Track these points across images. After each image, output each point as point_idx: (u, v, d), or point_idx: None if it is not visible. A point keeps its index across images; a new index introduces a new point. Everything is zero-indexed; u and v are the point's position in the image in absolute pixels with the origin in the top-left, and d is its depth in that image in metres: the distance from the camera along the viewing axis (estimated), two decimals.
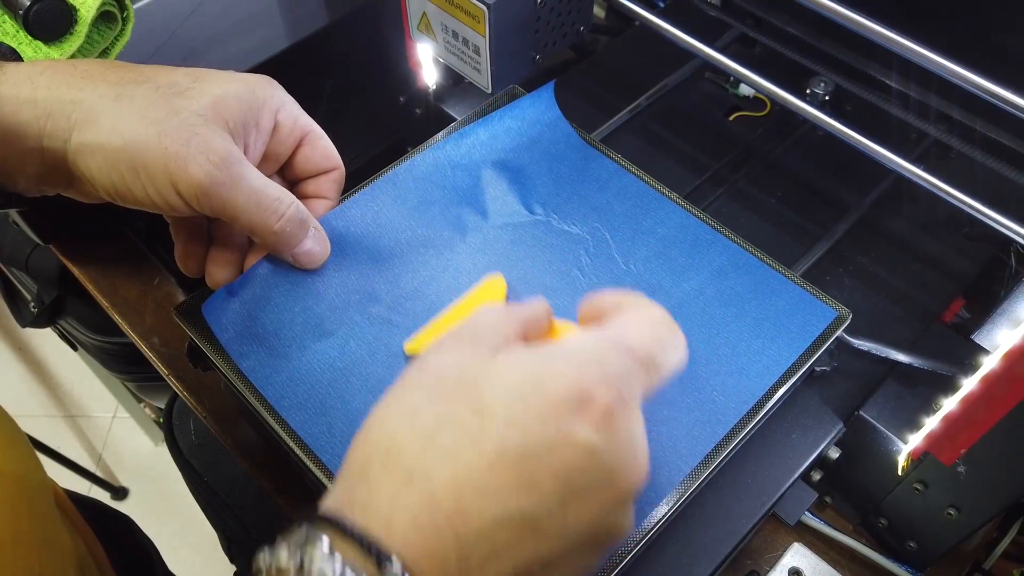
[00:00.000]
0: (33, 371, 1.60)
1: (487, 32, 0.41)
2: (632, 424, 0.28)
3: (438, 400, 0.27)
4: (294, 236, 0.37)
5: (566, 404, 0.26)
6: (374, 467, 0.26)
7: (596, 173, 0.46)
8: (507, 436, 0.26)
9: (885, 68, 0.48)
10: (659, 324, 0.31)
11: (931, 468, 0.40)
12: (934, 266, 0.50)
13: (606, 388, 0.27)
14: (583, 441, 0.26)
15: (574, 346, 0.28)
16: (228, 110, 0.35)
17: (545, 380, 0.27)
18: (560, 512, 0.26)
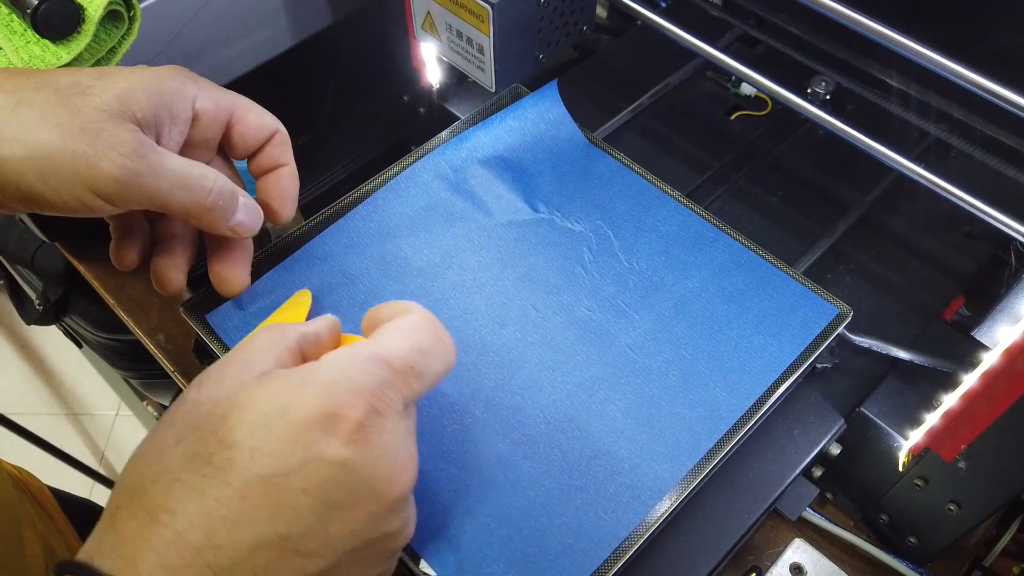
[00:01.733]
0: (36, 369, 1.61)
1: (491, 31, 0.41)
2: (389, 433, 0.28)
3: (186, 437, 0.27)
4: (227, 209, 0.36)
5: (313, 425, 0.26)
6: (121, 512, 0.26)
7: (599, 171, 0.47)
8: (253, 465, 0.26)
9: (885, 67, 0.49)
10: (418, 331, 0.31)
11: (932, 464, 0.40)
12: (934, 264, 0.50)
13: (354, 403, 0.27)
14: (334, 457, 0.26)
15: (324, 365, 0.29)
16: (135, 103, 0.33)
17: (290, 404, 0.27)
18: (321, 529, 0.26)
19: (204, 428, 0.27)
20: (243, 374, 0.29)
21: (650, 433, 0.37)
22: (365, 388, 0.28)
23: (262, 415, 0.27)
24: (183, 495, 0.25)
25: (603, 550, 0.34)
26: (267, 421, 0.27)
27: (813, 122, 0.56)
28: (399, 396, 0.29)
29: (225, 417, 0.27)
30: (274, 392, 0.27)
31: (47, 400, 1.57)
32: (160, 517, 0.25)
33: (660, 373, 0.39)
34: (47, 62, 0.42)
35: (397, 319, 0.32)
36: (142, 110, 0.33)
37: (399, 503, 0.28)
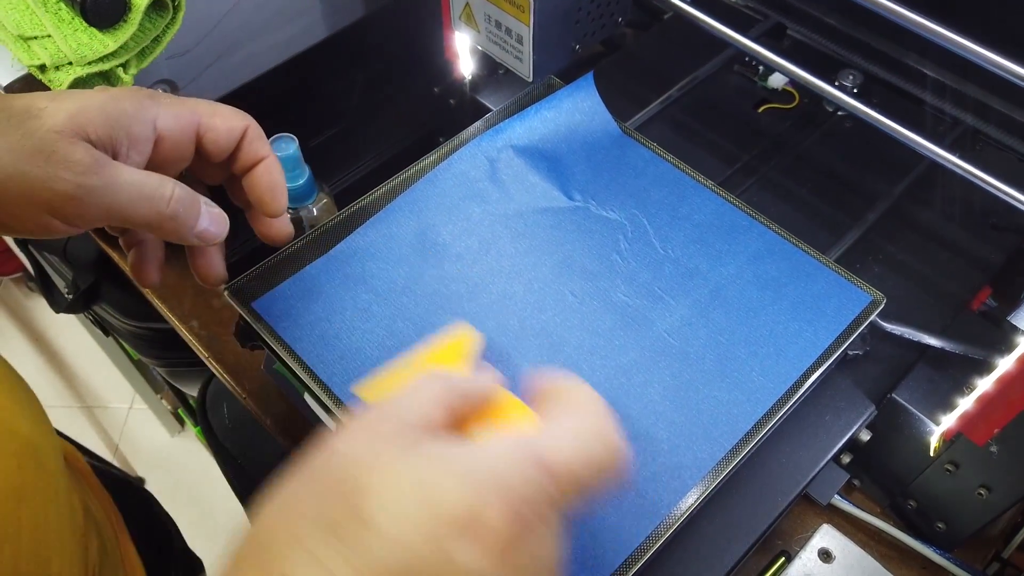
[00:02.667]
0: (50, 362, 1.62)
1: (531, 21, 0.42)
2: (533, 549, 0.25)
3: (322, 498, 0.25)
4: (189, 216, 0.35)
5: (453, 523, 0.24)
6: (243, 564, 0.25)
7: (633, 161, 0.47)
8: (385, 552, 0.24)
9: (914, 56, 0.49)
10: (591, 434, 0.28)
11: (963, 449, 0.41)
12: (962, 255, 0.51)
13: (501, 509, 0.24)
14: (465, 566, 0.24)
15: (478, 452, 0.26)
16: (88, 123, 0.32)
17: (435, 494, 0.24)
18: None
19: (340, 496, 0.25)
20: (395, 432, 0.26)
21: (688, 416, 0.38)
22: (515, 492, 0.25)
23: (405, 498, 0.24)
24: (307, 568, 0.24)
25: (644, 529, 0.35)
26: (406, 504, 0.24)
27: (840, 115, 0.57)
28: (555, 511, 0.26)
29: (364, 489, 0.25)
30: (418, 471, 0.25)
31: (61, 393, 1.58)
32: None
33: (697, 357, 0.40)
34: (94, 50, 0.43)
35: (571, 409, 0.29)
36: (96, 130, 0.33)
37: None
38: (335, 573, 0.23)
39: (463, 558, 0.24)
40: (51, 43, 0.42)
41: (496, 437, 0.27)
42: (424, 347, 0.36)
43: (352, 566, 0.23)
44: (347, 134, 0.63)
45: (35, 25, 0.42)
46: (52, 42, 0.42)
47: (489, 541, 0.24)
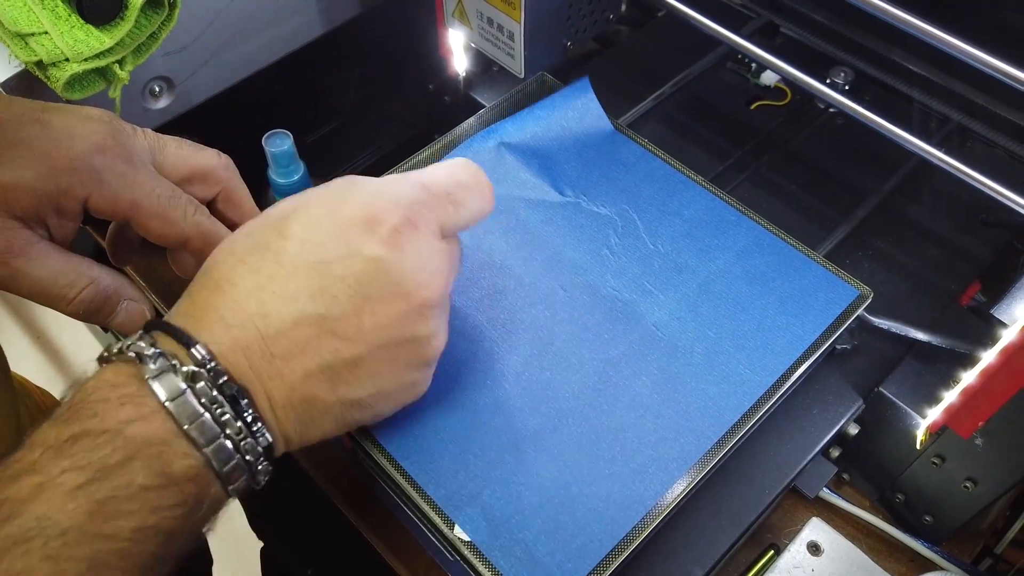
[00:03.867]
0: (50, 360, 1.62)
1: (522, 18, 0.43)
2: (421, 244, 0.32)
3: (254, 233, 0.32)
4: (96, 314, 0.37)
5: (356, 225, 0.31)
6: (194, 285, 0.32)
7: (624, 157, 0.48)
8: (302, 251, 0.31)
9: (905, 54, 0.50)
10: (460, 168, 0.35)
11: (949, 442, 0.41)
12: (951, 251, 0.51)
13: (393, 212, 0.32)
14: (370, 254, 0.31)
15: (377, 183, 0.33)
16: (17, 202, 0.34)
17: (339, 207, 0.32)
18: (354, 315, 0.31)
19: (268, 225, 0.32)
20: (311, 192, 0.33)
21: (675, 408, 0.38)
22: (403, 202, 0.32)
23: (315, 214, 0.31)
24: (244, 272, 0.31)
25: (631, 518, 0.35)
26: (318, 218, 0.31)
27: (832, 112, 0.58)
28: (434, 216, 0.33)
29: (287, 217, 0.32)
30: (330, 198, 0.32)
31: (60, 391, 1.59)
32: (223, 287, 0.30)
33: (685, 351, 0.40)
34: (91, 47, 0.43)
35: (446, 161, 0.36)
36: (23, 208, 0.34)
37: (427, 308, 0.32)
38: (262, 271, 0.30)
39: (366, 248, 0.31)
40: (48, 40, 0.43)
41: (386, 175, 0.35)
42: None
43: (277, 264, 0.30)
44: (342, 131, 0.63)
45: (32, 22, 0.43)
46: (49, 39, 0.43)
47: (385, 234, 0.31)
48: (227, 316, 0.30)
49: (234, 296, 0.30)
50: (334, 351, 0.31)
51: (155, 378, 0.28)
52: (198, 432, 0.28)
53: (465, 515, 0.35)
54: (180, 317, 0.30)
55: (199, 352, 0.29)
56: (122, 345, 0.29)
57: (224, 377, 0.29)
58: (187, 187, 0.38)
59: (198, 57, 0.52)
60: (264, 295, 0.30)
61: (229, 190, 0.41)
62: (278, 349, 0.30)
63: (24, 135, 0.34)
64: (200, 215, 0.38)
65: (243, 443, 0.29)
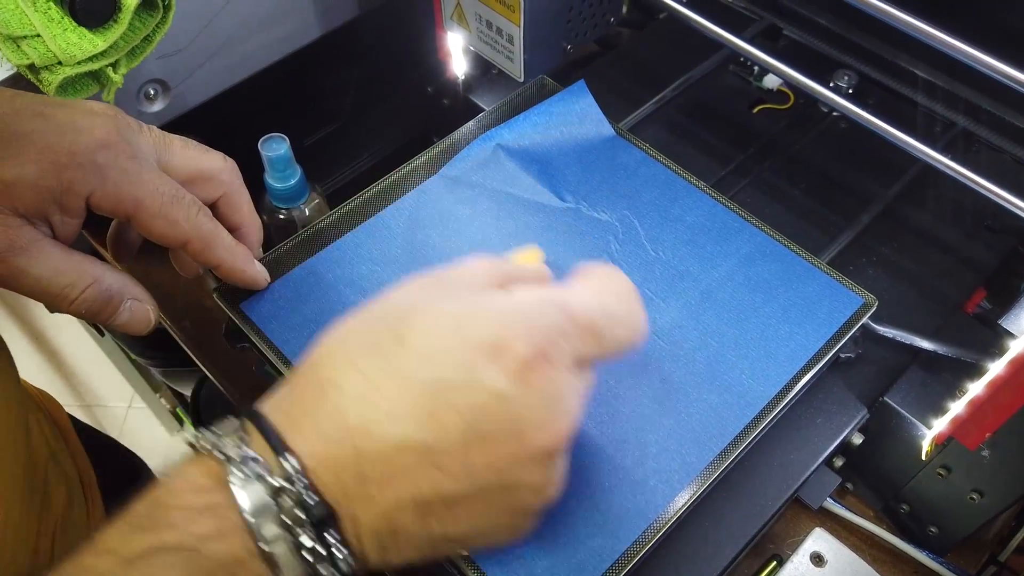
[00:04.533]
0: (49, 360, 1.62)
1: (522, 21, 0.42)
2: (552, 383, 0.28)
3: (371, 328, 0.29)
4: (98, 314, 0.36)
5: (482, 349, 0.27)
6: (300, 379, 0.29)
7: (625, 161, 0.47)
8: (419, 368, 0.27)
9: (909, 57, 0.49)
10: (612, 295, 0.31)
11: (955, 453, 0.41)
12: (956, 257, 0.51)
13: (527, 341, 0.28)
14: (491, 386, 0.27)
15: (511, 299, 0.30)
16: (19, 198, 0.33)
17: (468, 323, 0.28)
18: (462, 451, 0.27)
19: (386, 323, 0.29)
20: (444, 287, 0.30)
21: (677, 419, 0.38)
22: (540, 330, 0.28)
23: (441, 326, 0.28)
24: (351, 377, 0.28)
25: (631, 532, 0.34)
26: (442, 330, 0.28)
27: (835, 116, 0.57)
28: (572, 348, 0.29)
29: (407, 319, 0.29)
30: (457, 309, 0.29)
31: (60, 391, 1.58)
32: (328, 390, 0.28)
33: (687, 360, 0.40)
34: (84, 49, 0.43)
35: (596, 277, 0.32)
36: (26, 205, 0.33)
37: (544, 455, 0.28)
38: (372, 380, 0.27)
39: (488, 378, 0.27)
40: (40, 43, 0.42)
41: (528, 289, 0.31)
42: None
43: (388, 375, 0.27)
44: (341, 134, 0.63)
45: (24, 25, 0.42)
46: (41, 42, 0.42)
47: (512, 366, 0.27)
48: (325, 425, 0.27)
49: (336, 403, 0.27)
50: (433, 485, 0.27)
51: (241, 487, 0.26)
52: (276, 553, 0.26)
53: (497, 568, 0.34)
54: (277, 412, 0.28)
55: (290, 464, 0.26)
56: (214, 441, 0.27)
57: (313, 499, 0.26)
58: (190, 188, 0.38)
59: (194, 60, 0.51)
60: (369, 410, 0.27)
61: (231, 194, 0.40)
62: (373, 473, 0.27)
63: (27, 130, 0.34)
64: (203, 217, 0.37)
65: (321, 567, 0.27)
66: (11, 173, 0.33)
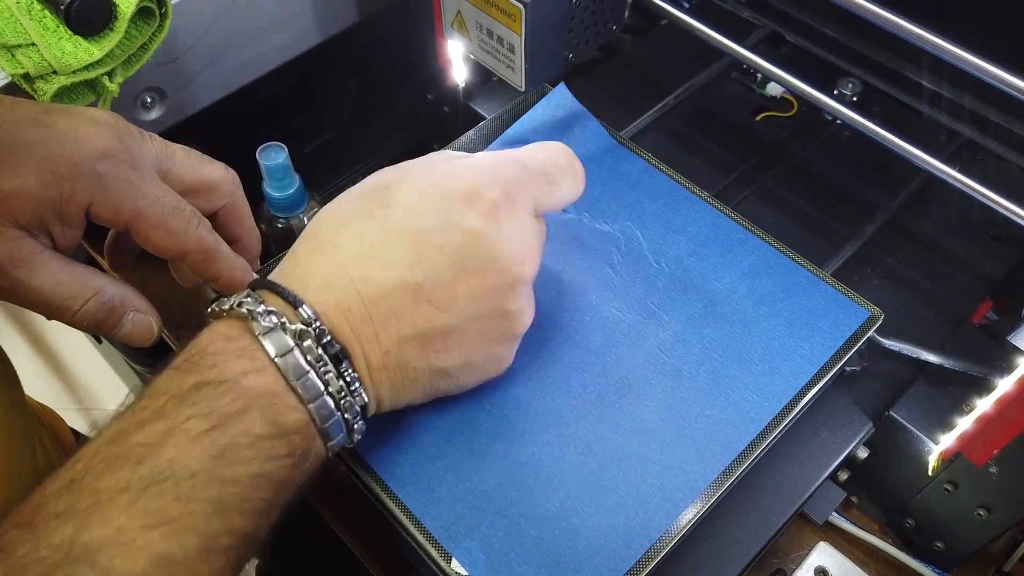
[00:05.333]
0: (48, 364, 1.61)
1: (523, 31, 0.41)
2: (517, 221, 0.34)
3: (358, 199, 0.34)
4: (100, 326, 0.36)
5: (457, 198, 0.32)
6: (299, 247, 0.34)
7: (627, 171, 0.47)
8: (404, 221, 0.32)
9: (913, 66, 0.48)
10: (557, 151, 0.37)
11: (962, 469, 0.40)
12: (962, 268, 0.50)
13: (493, 187, 0.33)
14: (469, 227, 0.32)
15: (476, 159, 0.35)
16: (19, 209, 0.33)
17: (442, 179, 0.33)
18: (450, 285, 0.32)
19: (373, 194, 0.34)
20: (417, 164, 0.35)
21: (680, 435, 0.37)
22: (503, 178, 0.34)
23: (418, 185, 0.33)
24: (348, 237, 0.32)
25: (634, 551, 0.34)
26: (421, 189, 0.33)
27: (839, 124, 0.57)
28: (530, 194, 0.35)
29: (390, 186, 0.33)
30: (432, 173, 0.34)
31: (59, 395, 1.58)
32: (327, 250, 0.32)
33: (690, 375, 0.39)
34: (79, 58, 0.42)
35: (541, 143, 0.37)
36: (26, 216, 0.33)
37: (519, 284, 0.34)
38: (366, 237, 0.32)
39: (467, 221, 0.32)
40: (35, 52, 0.42)
41: (488, 153, 0.37)
42: None
43: (380, 232, 0.32)
44: (340, 141, 0.62)
45: (19, 34, 0.41)
46: (36, 51, 0.42)
47: (486, 208, 0.33)
48: (330, 278, 0.31)
49: (337, 259, 0.32)
50: (428, 319, 0.32)
51: (265, 335, 0.29)
52: (303, 388, 0.29)
53: (463, 548, 0.34)
54: (286, 277, 0.32)
55: (305, 311, 0.30)
56: (233, 302, 0.30)
57: (328, 337, 0.30)
58: (191, 198, 0.37)
59: (191, 67, 0.51)
60: (366, 261, 0.31)
61: (232, 205, 0.40)
62: (376, 313, 0.31)
63: (26, 139, 0.33)
64: (203, 229, 0.37)
65: (343, 401, 0.31)
66: (11, 184, 0.32)
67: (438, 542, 0.34)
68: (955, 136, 0.51)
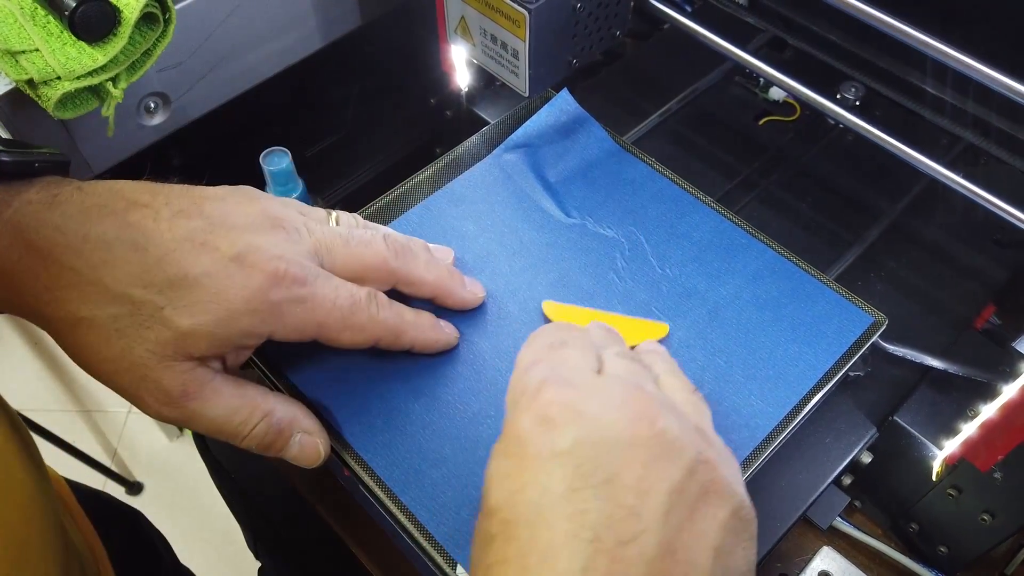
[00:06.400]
0: (49, 366, 1.61)
1: (527, 36, 0.41)
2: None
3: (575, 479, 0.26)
4: (268, 448, 0.35)
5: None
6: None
7: (630, 176, 0.47)
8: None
9: (916, 71, 0.48)
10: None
11: (966, 474, 0.40)
12: (965, 272, 0.50)
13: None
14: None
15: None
16: (195, 346, 0.32)
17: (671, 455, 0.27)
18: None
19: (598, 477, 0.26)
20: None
21: None
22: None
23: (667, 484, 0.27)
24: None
25: None
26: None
27: (842, 128, 0.57)
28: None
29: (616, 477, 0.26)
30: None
31: (60, 397, 1.58)
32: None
33: (694, 380, 0.39)
34: (83, 64, 0.42)
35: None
36: (201, 351, 0.32)
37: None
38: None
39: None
40: (39, 57, 0.42)
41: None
42: (620, 316, 0.41)
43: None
44: (343, 145, 0.62)
45: (23, 39, 0.41)
46: (40, 56, 0.42)
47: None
48: None
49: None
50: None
51: None
52: None
53: (467, 554, 0.34)
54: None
55: None
56: None
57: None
58: (361, 283, 0.36)
59: (194, 72, 0.51)
60: None
61: (401, 277, 0.38)
62: None
63: (195, 272, 0.32)
64: (384, 312, 0.36)
65: None
66: (187, 324, 0.31)
67: (443, 548, 0.34)
68: (957, 140, 0.51)
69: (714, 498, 0.27)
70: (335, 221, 0.38)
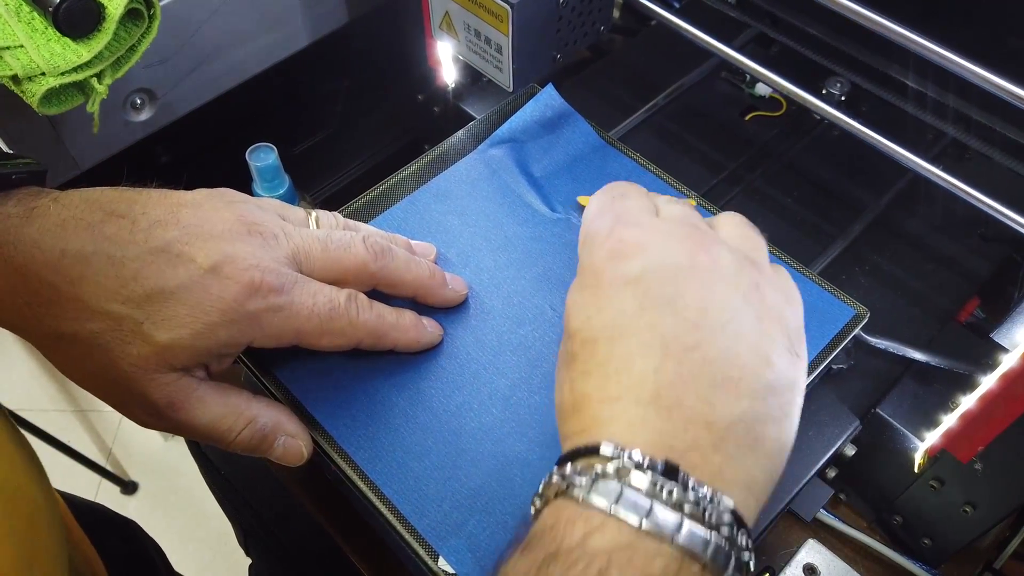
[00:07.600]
0: (43, 366, 1.61)
1: (510, 31, 0.42)
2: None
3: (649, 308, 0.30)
4: (253, 451, 0.36)
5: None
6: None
7: (615, 172, 0.47)
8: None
9: (902, 67, 0.49)
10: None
11: (947, 465, 0.40)
12: (949, 266, 0.50)
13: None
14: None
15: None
16: (175, 357, 0.32)
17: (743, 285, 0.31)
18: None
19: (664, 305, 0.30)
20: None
21: None
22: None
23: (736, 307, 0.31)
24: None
25: None
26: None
27: (828, 123, 0.57)
28: None
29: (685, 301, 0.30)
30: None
31: (54, 397, 1.58)
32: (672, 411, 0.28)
33: None
34: (67, 60, 0.42)
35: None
36: (181, 361, 0.33)
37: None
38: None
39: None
40: (23, 53, 0.42)
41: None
42: None
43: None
44: (331, 141, 0.62)
45: (7, 35, 0.41)
46: (24, 52, 0.42)
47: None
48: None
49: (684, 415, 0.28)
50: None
51: (589, 493, 0.26)
52: (653, 525, 0.25)
53: (450, 546, 0.34)
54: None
55: (609, 448, 0.26)
56: (556, 488, 0.27)
57: (644, 458, 0.26)
58: (341, 286, 0.36)
59: (181, 68, 0.51)
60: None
61: (383, 278, 0.38)
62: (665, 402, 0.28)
63: (170, 285, 0.32)
64: (364, 314, 0.36)
65: (708, 515, 0.25)
66: (165, 337, 0.32)
67: (425, 540, 0.34)
68: (942, 136, 0.51)
69: (765, 316, 0.31)
70: (315, 223, 0.38)
